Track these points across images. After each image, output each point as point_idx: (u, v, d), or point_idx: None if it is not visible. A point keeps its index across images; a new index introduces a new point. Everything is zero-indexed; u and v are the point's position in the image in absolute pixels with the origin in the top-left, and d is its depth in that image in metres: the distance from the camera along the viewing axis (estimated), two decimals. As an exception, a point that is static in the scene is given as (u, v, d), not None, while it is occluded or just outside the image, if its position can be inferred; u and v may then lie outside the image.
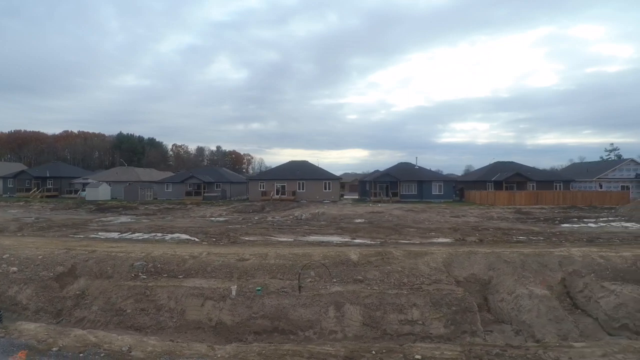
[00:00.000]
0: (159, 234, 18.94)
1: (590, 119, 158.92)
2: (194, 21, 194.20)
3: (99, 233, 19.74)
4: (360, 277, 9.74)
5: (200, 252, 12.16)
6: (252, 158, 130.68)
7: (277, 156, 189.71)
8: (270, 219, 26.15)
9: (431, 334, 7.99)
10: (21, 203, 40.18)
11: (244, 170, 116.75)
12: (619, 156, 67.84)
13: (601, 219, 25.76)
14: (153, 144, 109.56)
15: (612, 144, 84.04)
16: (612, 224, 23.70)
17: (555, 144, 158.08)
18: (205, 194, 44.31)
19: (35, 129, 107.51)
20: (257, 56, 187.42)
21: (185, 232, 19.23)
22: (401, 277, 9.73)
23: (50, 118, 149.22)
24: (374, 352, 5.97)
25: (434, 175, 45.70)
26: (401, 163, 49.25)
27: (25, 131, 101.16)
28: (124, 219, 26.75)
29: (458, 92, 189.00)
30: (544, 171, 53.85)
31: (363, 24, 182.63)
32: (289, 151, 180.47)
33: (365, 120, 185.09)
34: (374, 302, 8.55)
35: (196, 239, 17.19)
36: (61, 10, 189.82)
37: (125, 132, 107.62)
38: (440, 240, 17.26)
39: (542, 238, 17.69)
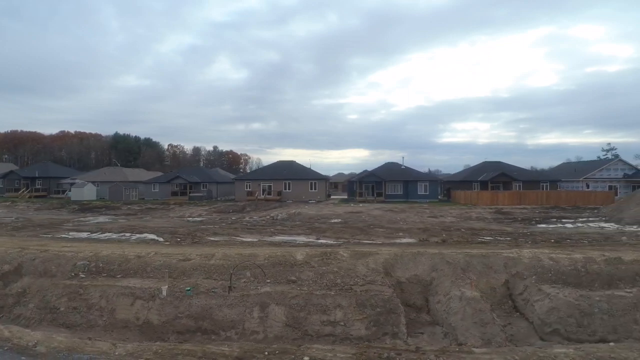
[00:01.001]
0: (128, 234, 18.98)
1: (590, 119, 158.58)
2: (194, 21, 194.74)
3: (70, 233, 19.79)
4: (294, 278, 9.73)
5: (148, 252, 12.17)
6: (250, 158, 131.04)
7: (278, 156, 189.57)
8: (248, 219, 26.14)
9: (351, 335, 7.97)
10: (7, 203, 40.36)
11: (240, 170, 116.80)
12: (616, 156, 67.65)
13: (580, 220, 25.57)
14: (149, 144, 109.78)
15: (609, 143, 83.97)
16: (590, 224, 23.55)
17: (556, 143, 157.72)
18: (191, 194, 44.37)
19: (35, 129, 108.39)
20: (257, 56, 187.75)
21: (154, 232, 19.26)
22: (335, 278, 9.72)
23: (49, 118, 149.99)
24: (267, 352, 5.96)
25: (420, 175, 45.58)
26: (388, 163, 49.11)
27: (21, 131, 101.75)
28: (102, 219, 26.81)
29: (458, 92, 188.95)
30: (530, 171, 53.77)
31: (363, 24, 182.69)
32: (290, 151, 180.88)
33: (366, 120, 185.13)
34: (300, 303, 8.53)
35: (161, 239, 17.21)
36: (61, 11, 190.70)
37: (125, 132, 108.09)
38: (405, 240, 17.19)
39: (509, 239, 17.56)
